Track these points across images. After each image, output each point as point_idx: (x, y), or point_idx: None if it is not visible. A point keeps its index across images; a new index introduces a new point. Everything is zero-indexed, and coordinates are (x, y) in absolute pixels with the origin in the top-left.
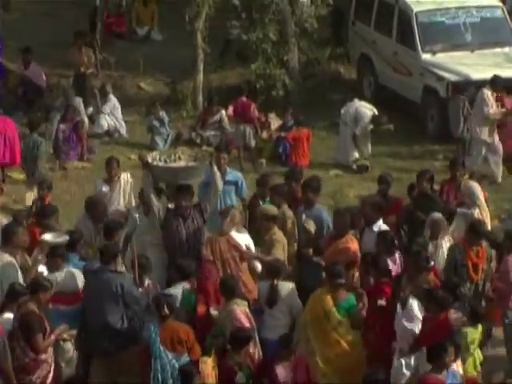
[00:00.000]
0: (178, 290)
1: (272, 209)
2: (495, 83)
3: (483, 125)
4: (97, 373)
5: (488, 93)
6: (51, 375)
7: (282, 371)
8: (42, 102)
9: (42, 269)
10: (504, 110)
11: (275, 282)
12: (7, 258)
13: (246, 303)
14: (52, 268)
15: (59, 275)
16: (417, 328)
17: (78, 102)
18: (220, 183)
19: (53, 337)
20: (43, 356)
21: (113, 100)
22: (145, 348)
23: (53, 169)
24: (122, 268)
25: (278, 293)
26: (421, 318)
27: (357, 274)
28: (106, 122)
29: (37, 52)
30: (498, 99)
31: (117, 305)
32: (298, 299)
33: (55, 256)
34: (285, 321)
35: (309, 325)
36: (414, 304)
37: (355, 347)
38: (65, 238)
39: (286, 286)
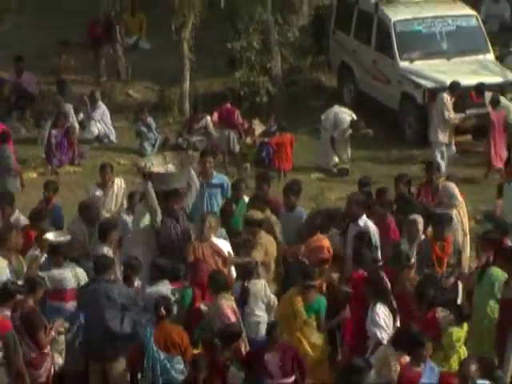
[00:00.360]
0: (166, 288)
1: (257, 214)
2: (454, 88)
3: (444, 128)
4: (94, 376)
5: (447, 97)
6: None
7: (270, 359)
8: (34, 109)
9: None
10: (463, 115)
11: (245, 283)
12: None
13: (233, 298)
14: (53, 265)
15: (61, 272)
16: (379, 334)
17: (69, 108)
18: (197, 184)
19: (53, 332)
20: (46, 350)
21: (102, 107)
22: (138, 346)
23: (45, 173)
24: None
25: (249, 292)
26: (385, 325)
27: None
28: (96, 128)
29: (27, 61)
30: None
31: (115, 311)
32: (272, 295)
33: (57, 254)
34: (266, 317)
35: (279, 322)
36: (380, 310)
37: (316, 349)
38: (66, 237)
39: (258, 285)
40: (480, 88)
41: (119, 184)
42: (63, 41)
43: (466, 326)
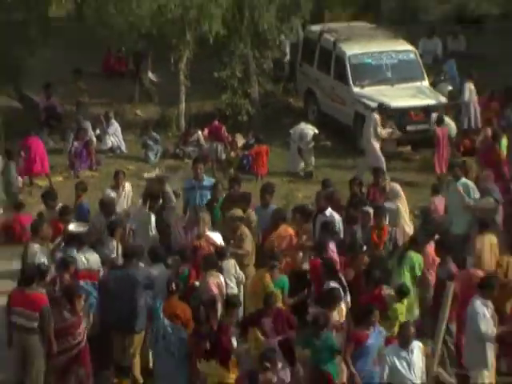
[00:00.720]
0: (160, 269)
1: (239, 212)
2: (382, 109)
3: (374, 141)
4: (117, 346)
5: (377, 117)
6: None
7: (266, 322)
8: (60, 126)
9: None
10: (390, 130)
11: (219, 262)
12: (37, 246)
13: (221, 275)
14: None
15: (84, 256)
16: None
17: (87, 125)
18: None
19: (83, 302)
20: (81, 314)
21: (115, 124)
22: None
23: (68, 177)
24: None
25: (222, 270)
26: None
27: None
28: (110, 140)
29: (54, 86)
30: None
31: (140, 290)
32: (241, 272)
33: (74, 241)
34: (236, 289)
35: (250, 297)
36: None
37: None
38: (84, 228)
39: (229, 264)
40: (427, 109)
41: (128, 187)
42: (76, 69)
43: (405, 301)
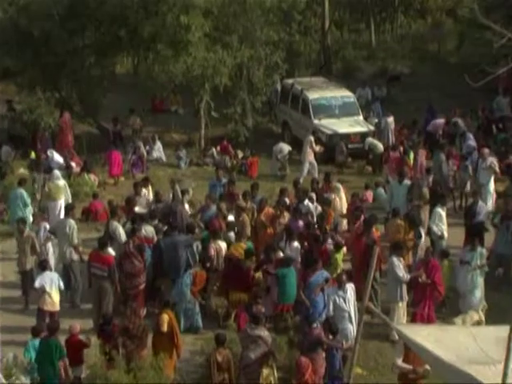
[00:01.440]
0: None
1: (242, 203)
2: (315, 133)
3: (309, 152)
4: (167, 288)
5: (312, 138)
6: None
7: (270, 267)
8: (123, 144)
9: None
10: (319, 147)
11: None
12: (115, 223)
13: (224, 242)
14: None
15: (144, 228)
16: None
17: (140, 144)
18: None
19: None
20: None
21: (158, 143)
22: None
23: (129, 177)
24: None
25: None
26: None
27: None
28: (155, 154)
29: (119, 118)
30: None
31: (184, 250)
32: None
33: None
34: None
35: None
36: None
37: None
38: (145, 210)
39: (231, 235)
40: (362, 134)
41: (149, 187)
42: (131, 109)
43: (341, 251)
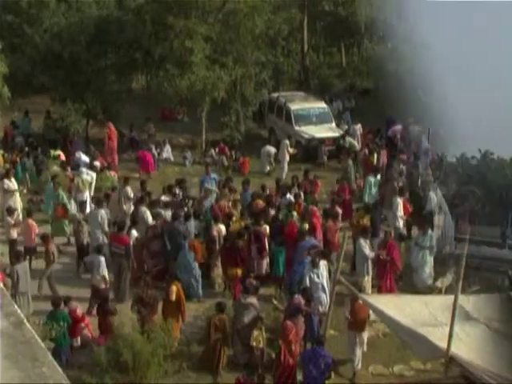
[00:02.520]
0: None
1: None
2: (291, 138)
3: (285, 156)
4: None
5: (288, 143)
6: None
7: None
8: (137, 147)
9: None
10: (293, 149)
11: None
12: (144, 208)
13: (223, 225)
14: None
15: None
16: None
17: (152, 146)
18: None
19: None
20: None
21: (168, 146)
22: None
23: (142, 175)
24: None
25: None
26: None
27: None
28: (165, 154)
29: (134, 125)
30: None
31: (180, 236)
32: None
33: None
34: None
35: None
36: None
37: None
38: (168, 198)
39: (222, 227)
40: (335, 139)
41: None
42: (148, 117)
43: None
